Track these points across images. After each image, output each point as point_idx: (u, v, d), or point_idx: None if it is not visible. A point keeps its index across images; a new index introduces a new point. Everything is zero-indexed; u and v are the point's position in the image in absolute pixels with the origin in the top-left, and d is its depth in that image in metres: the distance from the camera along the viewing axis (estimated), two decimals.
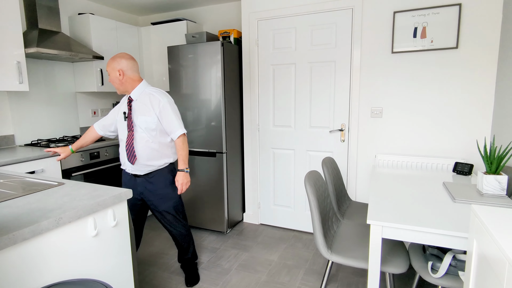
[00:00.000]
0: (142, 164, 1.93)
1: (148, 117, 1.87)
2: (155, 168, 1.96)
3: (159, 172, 1.98)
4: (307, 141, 2.83)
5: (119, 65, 1.86)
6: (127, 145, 1.92)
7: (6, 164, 2.10)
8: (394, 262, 1.55)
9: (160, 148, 1.94)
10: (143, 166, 1.94)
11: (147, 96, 1.90)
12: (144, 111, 1.88)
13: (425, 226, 1.31)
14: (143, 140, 1.90)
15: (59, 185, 1.43)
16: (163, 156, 1.96)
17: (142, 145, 1.90)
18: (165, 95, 1.93)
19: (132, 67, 1.90)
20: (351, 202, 2.40)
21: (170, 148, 2.00)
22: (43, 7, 2.61)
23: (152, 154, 1.92)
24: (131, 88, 1.91)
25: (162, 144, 1.94)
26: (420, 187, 1.83)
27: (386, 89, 2.49)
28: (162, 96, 1.90)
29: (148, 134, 1.89)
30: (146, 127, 1.88)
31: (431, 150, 2.41)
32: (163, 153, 1.96)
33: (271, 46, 2.84)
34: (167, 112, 1.88)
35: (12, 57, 2.32)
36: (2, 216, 1.06)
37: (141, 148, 1.90)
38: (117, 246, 1.33)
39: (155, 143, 1.92)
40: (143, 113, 1.88)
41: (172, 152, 2.02)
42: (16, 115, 2.69)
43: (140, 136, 1.90)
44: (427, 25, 2.28)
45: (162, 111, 1.88)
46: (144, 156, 1.91)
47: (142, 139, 1.90)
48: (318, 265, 2.37)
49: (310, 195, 1.64)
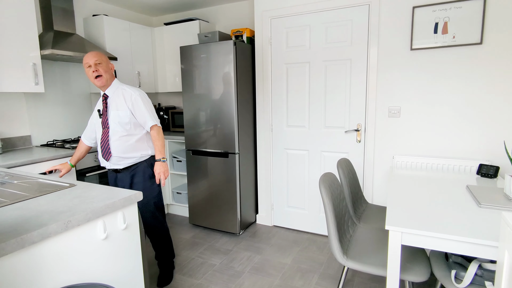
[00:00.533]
0: (117, 157, 1.96)
1: (121, 112, 1.91)
2: (133, 161, 1.99)
3: (138, 166, 2.01)
4: (322, 142, 2.76)
5: (109, 63, 1.95)
6: (102, 141, 1.97)
7: (22, 165, 2.14)
8: (414, 270, 1.47)
9: (136, 141, 1.97)
10: (119, 159, 1.96)
11: (121, 92, 1.95)
12: (116, 106, 1.92)
13: (449, 233, 1.23)
14: (117, 134, 1.93)
15: (70, 186, 1.42)
16: (138, 149, 1.98)
17: (115, 139, 1.94)
18: (137, 90, 1.98)
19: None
20: (367, 205, 2.31)
21: (146, 141, 2.02)
22: (58, 9, 2.64)
23: (127, 147, 1.95)
24: (109, 83, 1.95)
25: (137, 137, 1.97)
26: (441, 191, 1.74)
27: (405, 88, 2.39)
28: (134, 90, 1.96)
29: (121, 128, 1.93)
30: (119, 121, 1.92)
31: (452, 151, 2.30)
32: (139, 146, 1.98)
33: (285, 44, 2.79)
34: (138, 105, 1.92)
35: (28, 59, 2.35)
36: (12, 219, 1.05)
37: (115, 142, 1.94)
38: (127, 249, 1.31)
39: (130, 136, 1.95)
40: (115, 108, 1.92)
41: (149, 145, 2.04)
42: (32, 116, 2.73)
43: (114, 130, 1.93)
44: (448, 20, 2.17)
45: (134, 104, 1.92)
46: (119, 150, 1.94)
47: (116, 134, 1.93)
48: (333, 270, 2.30)
49: (325, 198, 1.57)
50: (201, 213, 3.01)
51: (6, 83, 2.24)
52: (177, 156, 3.33)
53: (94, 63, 1.85)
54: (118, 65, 3.09)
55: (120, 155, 1.95)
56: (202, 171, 2.94)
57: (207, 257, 2.51)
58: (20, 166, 2.12)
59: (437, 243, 1.26)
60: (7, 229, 0.97)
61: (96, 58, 1.85)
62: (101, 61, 1.88)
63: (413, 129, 2.40)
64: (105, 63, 1.90)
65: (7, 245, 0.88)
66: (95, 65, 1.85)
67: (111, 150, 1.95)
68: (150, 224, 2.09)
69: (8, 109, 2.57)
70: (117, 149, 1.94)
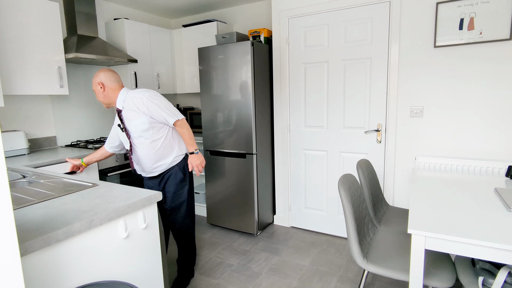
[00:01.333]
0: (152, 167, 1.94)
1: (136, 120, 1.84)
2: (166, 167, 1.97)
3: (171, 170, 1.98)
4: (341, 142, 2.71)
5: (98, 79, 1.86)
6: (131, 154, 1.96)
7: (48, 164, 2.22)
8: (438, 275, 1.42)
9: (163, 145, 1.91)
10: (154, 168, 1.95)
11: (131, 100, 1.86)
12: (133, 116, 1.85)
13: (475, 238, 1.17)
14: (143, 144, 1.89)
15: (93, 186, 1.46)
16: (169, 153, 1.95)
17: (143, 149, 1.90)
18: (145, 92, 1.88)
19: (111, 77, 1.88)
20: (388, 207, 2.25)
21: (174, 141, 1.97)
22: (82, 14, 2.73)
23: (157, 154, 1.91)
24: (114, 98, 1.89)
25: (162, 141, 1.91)
26: (467, 193, 1.67)
27: (428, 87, 2.31)
28: (142, 94, 1.85)
29: (144, 136, 1.87)
30: (141, 130, 1.86)
31: (479, 152, 2.20)
32: (168, 149, 1.94)
33: (303, 44, 2.76)
34: (153, 107, 1.83)
35: (54, 62, 2.45)
36: (39, 217, 1.09)
37: (143, 152, 1.91)
38: (147, 249, 1.33)
39: (155, 142, 1.89)
40: (133, 119, 1.86)
41: (177, 146, 1.99)
42: (57, 118, 2.84)
43: (138, 141, 1.90)
44: (475, 16, 2.08)
45: (149, 107, 1.83)
46: (149, 159, 1.91)
47: (141, 144, 1.89)
48: (352, 273, 2.25)
49: (344, 200, 1.54)
50: (219, 213, 3.03)
51: (34, 86, 2.34)
52: None
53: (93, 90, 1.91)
54: (138, 67, 3.16)
55: (153, 165, 1.94)
56: (220, 172, 2.96)
57: (225, 257, 2.52)
58: (46, 166, 2.20)
59: (463, 248, 1.21)
60: (35, 227, 1.01)
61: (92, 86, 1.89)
62: (94, 89, 1.89)
63: (436, 129, 2.32)
64: (96, 89, 1.88)
65: (35, 242, 0.92)
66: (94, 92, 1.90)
67: (142, 160, 1.94)
68: (178, 228, 2.08)
69: (35, 111, 2.68)
70: (148, 157, 1.92)
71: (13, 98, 2.53)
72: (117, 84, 1.90)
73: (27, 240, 0.91)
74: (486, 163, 2.13)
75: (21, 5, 2.23)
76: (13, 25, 2.20)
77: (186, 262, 2.18)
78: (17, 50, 2.24)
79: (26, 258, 0.91)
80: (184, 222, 2.08)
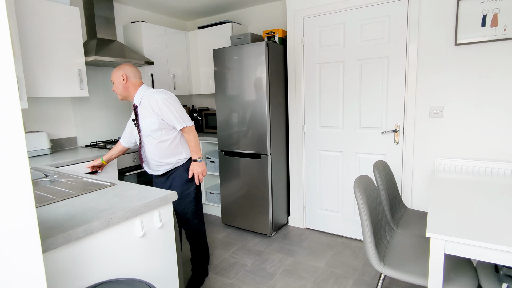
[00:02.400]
0: (156, 164, 2.01)
1: (147, 119, 1.91)
2: (171, 167, 2.02)
3: (175, 171, 2.03)
4: (357, 143, 2.67)
5: (122, 71, 1.92)
6: (140, 150, 2.03)
7: (69, 164, 2.29)
8: (459, 281, 1.37)
9: (169, 146, 1.97)
10: (157, 166, 2.01)
11: (147, 99, 1.92)
12: (146, 115, 1.92)
13: (499, 243, 1.12)
14: (150, 143, 1.96)
15: (111, 185, 1.50)
16: (174, 154, 2.00)
17: (150, 147, 1.97)
18: (161, 93, 1.92)
19: (135, 73, 1.96)
20: (406, 209, 2.20)
21: (180, 145, 2.02)
22: (101, 18, 2.81)
23: (162, 153, 1.97)
24: (133, 93, 1.96)
25: (169, 142, 1.96)
26: (490, 196, 1.61)
27: (448, 86, 2.24)
28: (158, 95, 1.90)
29: (153, 135, 1.94)
30: (150, 129, 1.92)
31: (503, 153, 2.12)
32: (174, 151, 1.99)
33: (318, 44, 2.73)
34: (164, 111, 1.89)
35: (74, 65, 2.52)
36: (60, 215, 1.13)
37: (150, 150, 1.97)
38: (163, 247, 1.35)
39: (162, 143, 1.95)
40: (145, 117, 1.92)
41: (183, 148, 2.03)
42: (78, 119, 2.93)
43: (147, 140, 1.97)
44: (498, 12, 2.00)
45: (161, 110, 1.88)
46: (155, 157, 1.98)
47: (149, 142, 1.96)
48: (369, 276, 2.21)
49: (360, 202, 1.52)
50: (233, 213, 3.05)
51: (56, 88, 2.42)
52: (210, 156, 3.40)
53: (112, 81, 1.98)
54: (154, 69, 3.22)
55: (158, 161, 1.99)
56: (235, 172, 2.97)
57: (239, 257, 2.52)
58: (67, 166, 2.27)
59: (486, 254, 1.16)
60: (56, 224, 1.04)
61: (111, 78, 1.96)
62: (113, 79, 1.95)
63: (457, 130, 2.25)
64: (117, 81, 1.93)
65: (56, 239, 0.95)
66: (113, 82, 1.97)
67: (148, 157, 2.01)
68: (187, 227, 2.12)
69: (57, 112, 2.78)
70: (154, 156, 1.98)
71: (36, 100, 2.63)
72: (139, 81, 1.98)
73: (49, 237, 0.94)
74: (510, 165, 2.04)
75: (44, 11, 2.32)
76: (36, 30, 2.29)
77: (199, 261, 2.20)
78: (40, 54, 2.32)
79: (47, 254, 0.95)
80: (193, 221, 2.12)
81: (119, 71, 1.93)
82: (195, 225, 2.13)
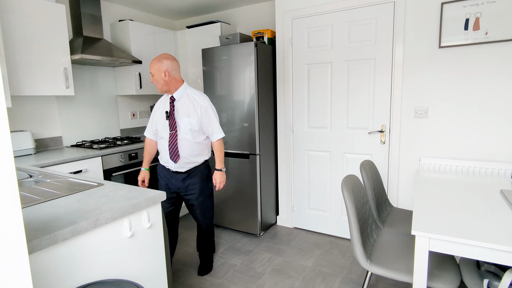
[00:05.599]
0: (184, 162, 2.05)
1: (191, 119, 1.98)
2: (195, 165, 2.09)
3: (197, 168, 2.10)
4: (344, 143, 2.71)
5: (165, 66, 1.93)
6: (170, 144, 2.02)
7: (54, 164, 2.24)
8: (442, 277, 1.41)
9: (200, 146, 2.06)
10: (185, 164, 2.05)
11: (188, 97, 2.00)
12: (187, 112, 1.98)
13: (481, 240, 1.17)
14: (186, 140, 2.01)
15: (98, 186, 1.48)
16: (202, 154, 2.09)
17: (184, 144, 2.01)
18: (207, 99, 2.04)
19: (176, 67, 1.99)
20: (392, 208, 2.25)
21: (206, 147, 2.13)
22: (87, 16, 2.76)
23: (193, 152, 2.04)
24: (175, 88, 2.00)
25: (201, 143, 2.06)
26: (472, 195, 1.66)
27: (433, 87, 2.30)
28: (204, 100, 2.01)
29: (191, 135, 2.00)
30: (190, 129, 1.99)
31: (484, 153, 2.19)
32: (202, 151, 2.09)
33: (306, 45, 2.76)
34: (209, 116, 2.01)
35: (60, 63, 2.47)
36: (45, 216, 1.11)
37: (184, 147, 2.01)
38: (151, 247, 1.34)
39: (196, 143, 2.03)
40: (186, 115, 1.98)
41: (208, 150, 2.15)
42: (63, 118, 2.87)
43: (183, 136, 2.00)
44: (480, 16, 2.07)
45: (205, 114, 1.99)
46: (187, 154, 2.03)
47: (185, 140, 2.01)
48: (356, 274, 2.25)
49: (348, 202, 1.54)
50: (222, 213, 3.04)
51: (40, 87, 2.37)
52: None
53: (151, 73, 1.97)
54: (142, 68, 3.18)
55: (187, 159, 2.03)
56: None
57: (228, 257, 2.52)
58: (52, 166, 2.22)
59: (468, 250, 1.20)
60: (42, 225, 1.02)
61: (150, 69, 1.96)
62: (153, 72, 1.95)
63: (441, 130, 2.31)
64: (157, 74, 1.94)
65: (41, 240, 0.93)
66: (151, 75, 1.97)
67: (179, 153, 2.01)
68: (204, 219, 2.22)
69: (42, 112, 2.71)
70: (185, 153, 2.02)
71: (20, 98, 2.56)
72: (180, 76, 2.03)
73: (34, 238, 0.92)
74: (492, 165, 2.11)
75: (27, 8, 2.26)
76: (20, 27, 2.23)
77: (208, 249, 2.34)
78: (25, 52, 2.26)
79: (33, 256, 0.93)
80: (210, 213, 2.24)
81: (161, 66, 1.92)
82: (210, 216, 2.26)
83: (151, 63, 1.95)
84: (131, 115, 3.49)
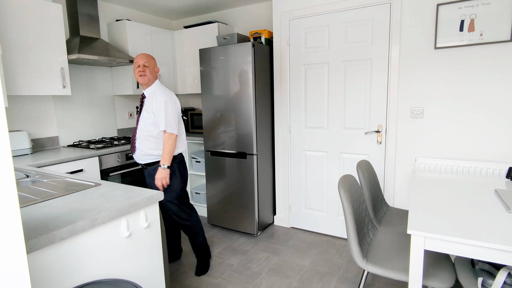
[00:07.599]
0: (140, 154, 2.12)
1: (149, 114, 2.06)
2: (154, 159, 2.13)
3: (157, 165, 2.12)
4: (341, 143, 2.72)
5: (155, 63, 2.13)
6: (132, 136, 2.17)
7: (51, 164, 2.24)
8: (438, 276, 1.43)
9: (155, 140, 2.09)
10: (142, 156, 2.13)
11: (155, 95, 2.08)
12: (147, 108, 2.08)
13: (475, 239, 1.18)
14: (142, 133, 2.10)
15: (96, 185, 1.48)
16: (157, 148, 2.11)
17: (139, 136, 2.11)
18: (166, 94, 2.07)
19: None
20: (388, 208, 2.26)
21: None
22: (84, 15, 2.75)
23: (149, 145, 2.10)
24: (150, 83, 2.11)
25: (155, 137, 2.09)
26: (467, 194, 1.68)
27: (428, 88, 2.32)
28: (161, 94, 2.06)
29: (146, 128, 2.08)
30: (145, 122, 2.08)
31: (479, 153, 2.21)
32: (158, 146, 2.11)
33: (303, 45, 2.77)
34: (160, 108, 2.03)
35: (57, 63, 2.46)
36: (43, 216, 1.11)
37: (139, 139, 2.11)
38: (148, 247, 1.35)
39: (152, 137, 2.08)
40: (146, 110, 2.09)
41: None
42: (60, 118, 2.86)
43: (141, 129, 2.10)
44: (475, 17, 2.09)
45: (158, 107, 2.04)
46: (142, 147, 2.11)
47: (142, 132, 2.10)
48: (352, 273, 2.26)
49: (344, 201, 1.55)
50: (219, 213, 3.05)
51: (37, 87, 2.36)
52: (196, 156, 3.38)
53: (142, 64, 2.05)
54: None
55: (142, 151, 2.11)
56: (221, 172, 2.97)
57: (225, 257, 2.53)
58: (49, 166, 2.22)
59: (463, 249, 1.22)
60: (39, 225, 1.02)
61: (146, 60, 2.06)
62: (149, 64, 2.07)
63: (437, 131, 2.33)
64: (152, 66, 2.09)
65: (39, 240, 0.93)
66: (143, 66, 2.05)
67: (135, 145, 2.13)
68: (178, 217, 2.21)
69: (38, 111, 2.70)
70: (140, 144, 2.11)
71: (16, 98, 2.55)
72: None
73: (32, 238, 0.92)
74: (486, 164, 2.14)
75: (24, 7, 2.25)
76: (17, 26, 2.22)
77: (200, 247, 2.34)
78: (21, 51, 2.26)
79: (31, 255, 0.93)
80: (181, 210, 2.21)
81: (155, 62, 2.12)
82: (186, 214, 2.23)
83: (145, 55, 2.07)
84: (128, 115, 3.48)
